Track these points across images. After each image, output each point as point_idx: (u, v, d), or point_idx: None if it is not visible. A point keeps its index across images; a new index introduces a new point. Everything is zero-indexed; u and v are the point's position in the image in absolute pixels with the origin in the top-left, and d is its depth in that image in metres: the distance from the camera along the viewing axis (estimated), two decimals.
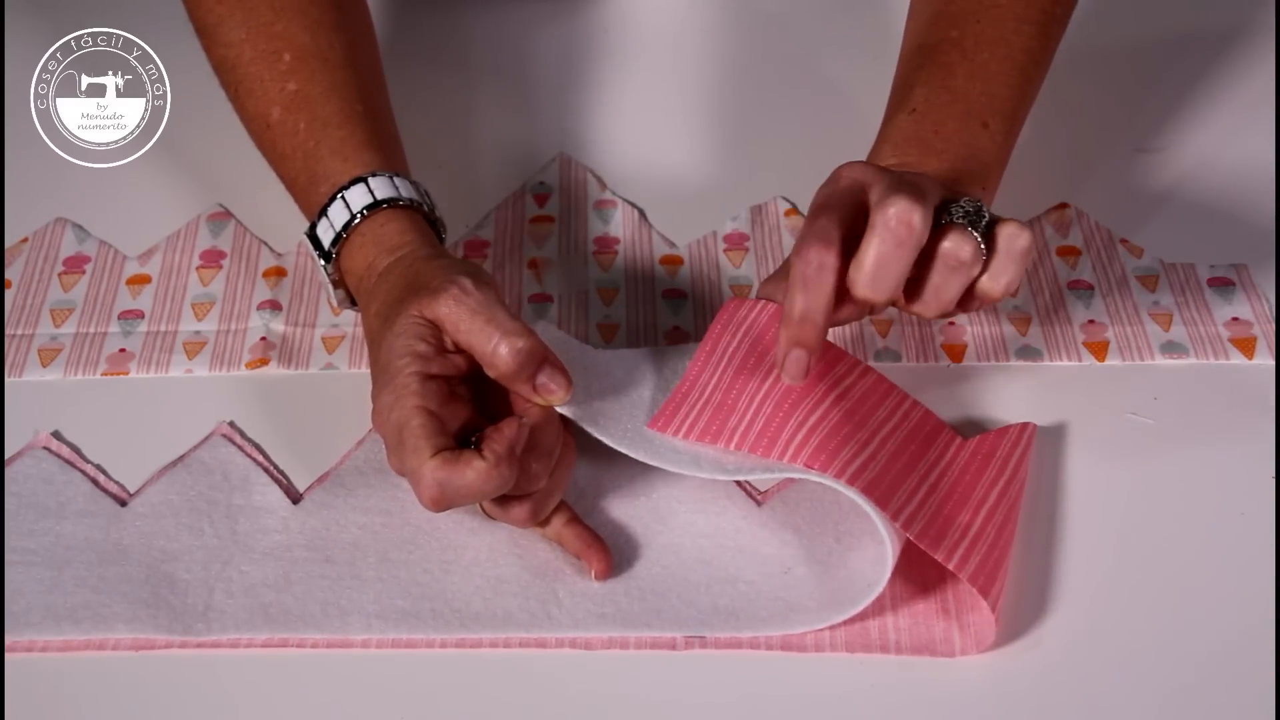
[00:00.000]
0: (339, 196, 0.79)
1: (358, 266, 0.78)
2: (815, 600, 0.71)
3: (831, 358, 0.76)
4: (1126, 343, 0.84)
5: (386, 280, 0.76)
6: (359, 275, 0.78)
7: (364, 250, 0.78)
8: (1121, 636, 0.70)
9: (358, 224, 0.78)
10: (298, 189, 0.82)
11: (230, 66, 0.84)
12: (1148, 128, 0.86)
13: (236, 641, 0.70)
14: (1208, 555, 0.73)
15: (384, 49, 1.07)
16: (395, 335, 0.71)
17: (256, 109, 0.83)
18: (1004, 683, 0.68)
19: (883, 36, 1.07)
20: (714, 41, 1.08)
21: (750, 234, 0.92)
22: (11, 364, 0.84)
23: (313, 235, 0.79)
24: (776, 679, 0.68)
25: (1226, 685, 0.68)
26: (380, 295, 0.75)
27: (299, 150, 0.82)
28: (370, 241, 0.78)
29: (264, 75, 0.83)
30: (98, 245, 0.92)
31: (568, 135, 0.99)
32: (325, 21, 0.85)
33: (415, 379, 0.69)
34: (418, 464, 0.68)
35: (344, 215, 0.78)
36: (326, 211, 0.79)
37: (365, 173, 0.79)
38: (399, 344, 0.71)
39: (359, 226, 0.78)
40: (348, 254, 0.78)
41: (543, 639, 0.70)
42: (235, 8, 0.84)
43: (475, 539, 0.74)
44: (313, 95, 0.83)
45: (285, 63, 0.83)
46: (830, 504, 0.75)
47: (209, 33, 0.85)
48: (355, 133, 0.82)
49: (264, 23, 0.83)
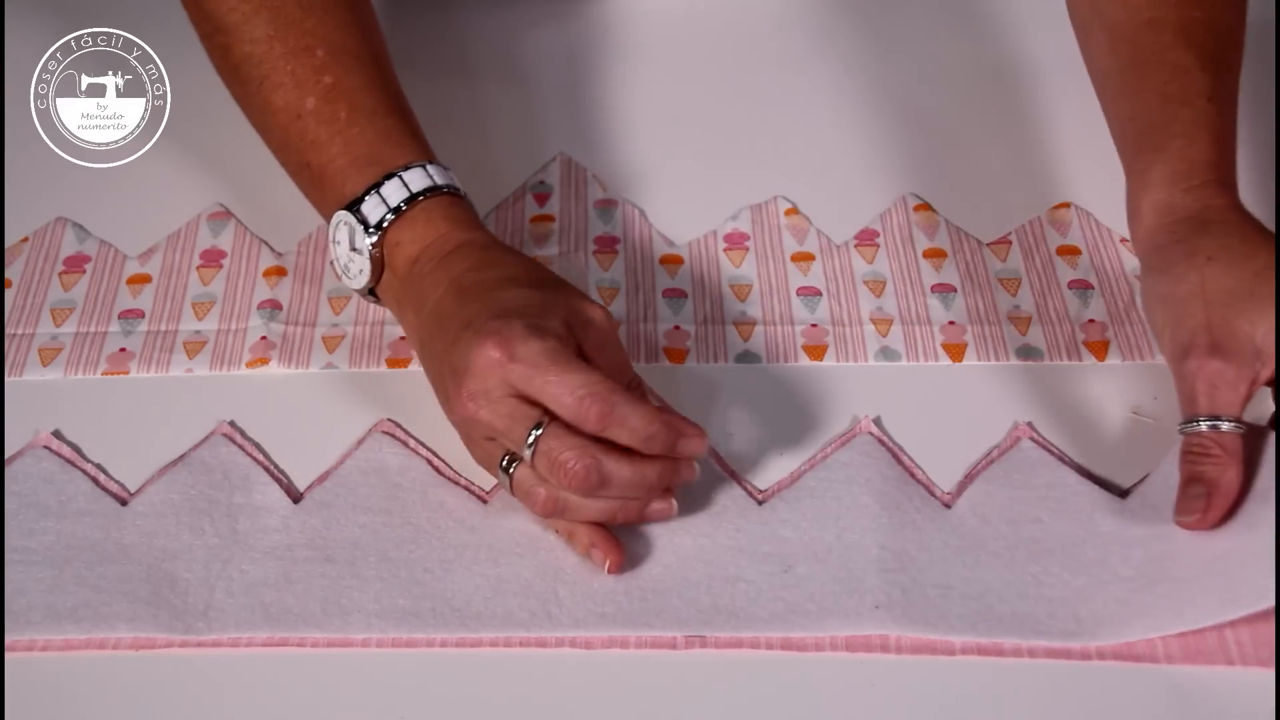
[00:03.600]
0: (396, 176, 0.79)
1: (419, 239, 0.78)
2: (816, 602, 0.71)
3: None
4: (1126, 343, 0.84)
5: (466, 258, 0.77)
6: (421, 246, 0.78)
7: (431, 225, 0.79)
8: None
9: (422, 202, 0.79)
10: (333, 171, 0.82)
11: (257, 61, 0.84)
12: None
13: (237, 641, 0.70)
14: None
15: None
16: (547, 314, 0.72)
17: (287, 100, 0.83)
18: (1004, 683, 0.68)
19: (883, 36, 1.07)
20: (714, 41, 1.08)
21: (750, 234, 0.92)
22: (12, 363, 0.84)
23: (355, 211, 0.79)
24: (777, 679, 0.68)
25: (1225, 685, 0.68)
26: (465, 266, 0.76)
27: (339, 136, 0.82)
28: (441, 218, 0.79)
29: (297, 69, 0.83)
30: (98, 245, 0.92)
31: (568, 135, 0.99)
32: (352, 21, 0.85)
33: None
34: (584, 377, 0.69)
35: (401, 193, 0.79)
36: (379, 190, 0.79)
37: (422, 159, 0.80)
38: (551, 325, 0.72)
39: (424, 204, 0.79)
40: (406, 229, 0.79)
41: (543, 638, 0.70)
42: (261, 6, 0.84)
43: (476, 538, 0.74)
44: (350, 88, 0.83)
45: (319, 58, 0.83)
46: (831, 500, 0.76)
47: (231, 30, 0.84)
48: (399, 124, 0.83)
49: (293, 20, 0.84)
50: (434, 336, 0.75)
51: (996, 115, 1.00)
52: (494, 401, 0.71)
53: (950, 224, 0.92)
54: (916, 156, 0.97)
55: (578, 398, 0.69)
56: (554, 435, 0.70)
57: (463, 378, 0.71)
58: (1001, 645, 0.69)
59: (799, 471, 0.77)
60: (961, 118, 0.91)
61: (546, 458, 0.70)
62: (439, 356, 0.74)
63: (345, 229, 0.80)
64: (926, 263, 0.90)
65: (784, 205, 0.94)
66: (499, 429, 0.71)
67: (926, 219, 0.92)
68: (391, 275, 0.80)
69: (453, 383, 0.72)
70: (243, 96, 0.86)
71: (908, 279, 0.89)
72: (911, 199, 0.94)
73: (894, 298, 0.87)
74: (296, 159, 0.83)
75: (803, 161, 0.97)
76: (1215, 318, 0.72)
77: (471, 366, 0.71)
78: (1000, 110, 1.00)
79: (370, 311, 0.87)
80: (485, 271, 0.76)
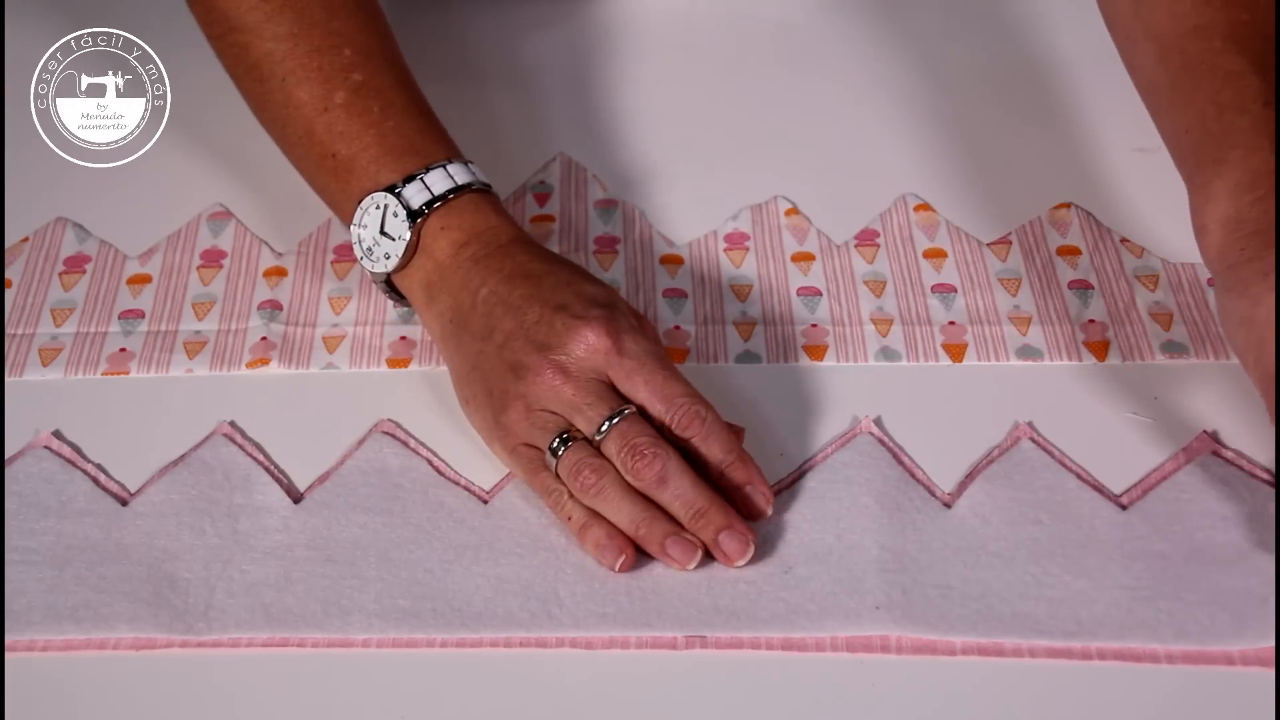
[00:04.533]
0: (440, 167, 0.81)
1: (469, 226, 0.80)
2: (816, 603, 0.71)
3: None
4: (1126, 343, 0.84)
5: (527, 250, 0.79)
6: (471, 233, 0.80)
7: (481, 215, 0.80)
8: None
9: (469, 194, 0.81)
10: (365, 160, 0.82)
11: (280, 58, 0.84)
12: (1148, 128, 0.86)
13: (237, 641, 0.70)
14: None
15: None
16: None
17: (313, 94, 0.83)
18: (1005, 683, 0.68)
19: (883, 36, 1.07)
20: (714, 41, 1.08)
21: (750, 234, 0.92)
22: (12, 364, 0.84)
23: (396, 194, 0.80)
24: (777, 679, 0.68)
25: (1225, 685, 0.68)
26: (528, 258, 0.79)
27: (373, 128, 0.82)
28: (490, 210, 0.81)
29: (324, 65, 0.83)
30: (98, 245, 0.92)
31: (568, 135, 0.99)
32: (374, 25, 0.86)
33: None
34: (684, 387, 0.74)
35: (448, 183, 0.81)
36: (422, 178, 0.80)
37: (461, 159, 0.82)
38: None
39: (471, 195, 0.81)
40: (454, 215, 0.80)
41: (544, 638, 0.70)
42: (284, 5, 0.84)
43: (476, 538, 0.74)
44: (381, 86, 0.84)
45: (346, 56, 0.84)
46: (831, 501, 0.76)
47: (251, 29, 0.84)
48: (433, 124, 0.84)
49: (318, 20, 0.84)
50: (496, 318, 0.77)
51: (996, 115, 1.00)
52: (583, 380, 0.74)
53: (950, 224, 0.92)
54: (916, 156, 0.97)
55: (675, 403, 0.74)
56: (635, 421, 0.73)
57: (553, 351, 0.74)
58: (1002, 645, 0.69)
59: (799, 472, 0.77)
60: (961, 118, 0.91)
61: (621, 439, 0.73)
62: (507, 335, 0.76)
63: (378, 212, 0.80)
64: (926, 263, 0.90)
65: (784, 205, 0.94)
66: (578, 404, 0.74)
67: (926, 219, 0.92)
68: (427, 260, 0.80)
69: (536, 354, 0.74)
70: (260, 93, 0.85)
71: (908, 279, 0.89)
72: (911, 199, 0.94)
73: (894, 298, 0.87)
74: (320, 151, 0.83)
75: (803, 161, 0.97)
76: None
77: (569, 344, 0.74)
78: (1000, 110, 1.00)
79: (371, 312, 0.87)
80: (551, 264, 0.79)
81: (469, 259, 0.79)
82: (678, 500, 0.72)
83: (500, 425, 0.76)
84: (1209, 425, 0.79)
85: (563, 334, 0.74)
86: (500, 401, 0.76)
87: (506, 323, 0.76)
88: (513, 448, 0.76)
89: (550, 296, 0.76)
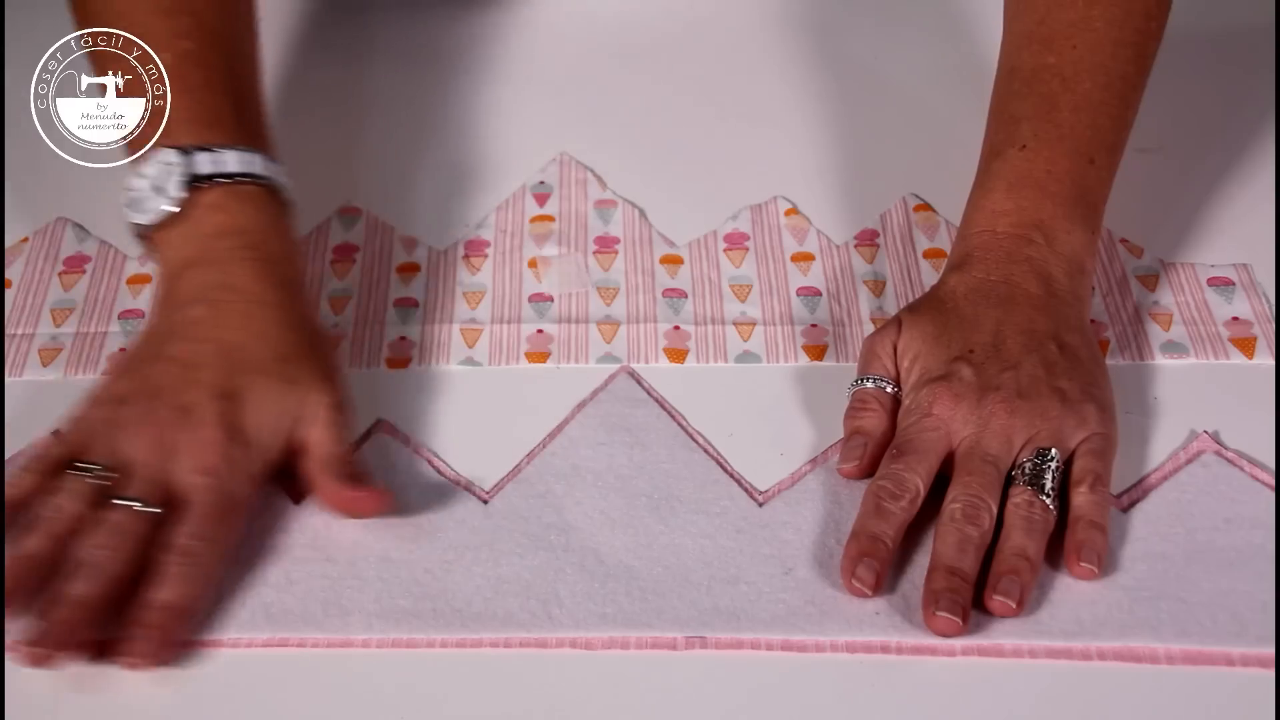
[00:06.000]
0: (243, 150, 0.80)
1: (243, 215, 0.79)
2: (816, 606, 0.71)
3: None
4: (1126, 343, 0.84)
5: (273, 288, 0.78)
6: (240, 222, 0.79)
7: (260, 213, 0.80)
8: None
9: (259, 187, 0.80)
10: (173, 116, 0.82)
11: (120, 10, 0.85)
12: (1148, 128, 0.86)
13: (237, 641, 0.70)
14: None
15: (384, 49, 1.07)
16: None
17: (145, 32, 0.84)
18: (1005, 683, 0.68)
19: (883, 36, 1.07)
20: (714, 41, 1.08)
21: (750, 234, 0.92)
22: (11, 364, 0.84)
23: (187, 156, 0.80)
24: (777, 679, 0.68)
25: (1225, 685, 0.68)
26: (271, 269, 0.78)
27: (187, 93, 0.82)
28: (271, 214, 0.80)
29: (157, 27, 0.84)
30: (98, 245, 0.92)
31: (568, 135, 0.99)
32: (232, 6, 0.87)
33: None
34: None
35: (248, 165, 0.80)
36: (221, 150, 0.80)
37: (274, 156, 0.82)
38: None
39: (259, 190, 0.80)
40: (234, 200, 0.79)
41: (543, 639, 0.70)
42: None
43: (476, 539, 0.74)
44: (211, 62, 0.84)
45: (183, 23, 0.84)
46: (832, 504, 0.75)
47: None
48: (255, 117, 0.84)
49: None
50: (198, 342, 0.75)
51: None
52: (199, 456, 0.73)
53: (950, 224, 0.92)
54: (916, 156, 0.97)
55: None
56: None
57: (207, 428, 0.73)
58: (1002, 646, 0.69)
59: (799, 473, 0.77)
60: (961, 118, 0.91)
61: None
62: (193, 377, 0.74)
63: (161, 167, 0.80)
64: (927, 263, 0.90)
65: (784, 205, 0.94)
66: (174, 463, 0.72)
67: (926, 219, 0.92)
68: (194, 231, 0.79)
69: (210, 408, 0.73)
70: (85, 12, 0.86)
71: (908, 279, 0.89)
72: (911, 199, 0.94)
73: (894, 298, 0.87)
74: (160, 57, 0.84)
75: (803, 161, 0.97)
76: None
77: (210, 438, 0.72)
78: None
79: (370, 312, 0.87)
80: (278, 328, 0.77)
81: (227, 249, 0.78)
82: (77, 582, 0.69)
83: (99, 398, 0.74)
84: (1209, 426, 0.79)
85: (197, 423, 0.72)
86: (120, 390, 0.74)
87: (186, 350, 0.75)
88: (77, 416, 0.74)
89: (235, 375, 0.74)
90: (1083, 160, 0.82)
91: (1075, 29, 0.84)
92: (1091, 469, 0.73)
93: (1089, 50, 0.84)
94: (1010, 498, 0.72)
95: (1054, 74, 0.83)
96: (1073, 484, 0.73)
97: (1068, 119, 0.82)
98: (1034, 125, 0.82)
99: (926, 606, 0.69)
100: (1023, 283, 0.78)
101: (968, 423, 0.74)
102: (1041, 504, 0.72)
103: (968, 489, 0.72)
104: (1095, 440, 0.74)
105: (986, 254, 0.80)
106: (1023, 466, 0.73)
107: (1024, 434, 0.74)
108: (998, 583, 0.70)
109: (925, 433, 0.74)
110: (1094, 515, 0.72)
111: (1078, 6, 0.84)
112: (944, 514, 0.72)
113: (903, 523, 0.72)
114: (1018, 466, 0.73)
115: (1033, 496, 0.72)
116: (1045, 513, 0.72)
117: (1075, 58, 0.83)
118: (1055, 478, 0.73)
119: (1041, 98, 0.83)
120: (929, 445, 0.74)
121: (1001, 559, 0.71)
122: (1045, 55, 0.84)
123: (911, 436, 0.74)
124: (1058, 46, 0.84)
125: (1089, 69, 0.83)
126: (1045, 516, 0.72)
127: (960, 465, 0.73)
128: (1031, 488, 0.72)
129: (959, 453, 0.74)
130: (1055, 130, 0.82)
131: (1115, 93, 0.84)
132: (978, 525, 0.71)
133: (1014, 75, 0.85)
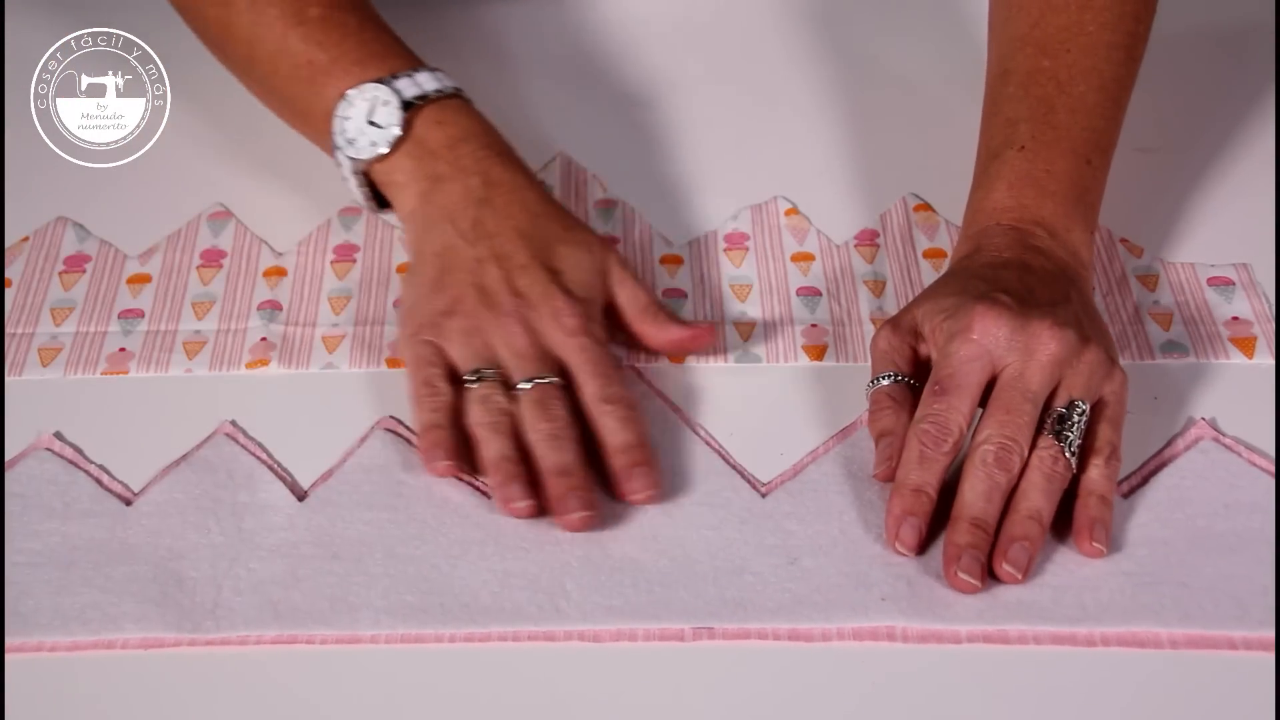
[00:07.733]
0: (428, 71, 0.85)
1: (463, 124, 0.84)
2: (823, 594, 0.71)
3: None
4: (1126, 343, 0.84)
5: (522, 174, 0.84)
6: (467, 130, 0.84)
7: (474, 119, 0.85)
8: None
9: (460, 99, 0.85)
10: (347, 62, 0.84)
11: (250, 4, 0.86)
12: (1148, 128, 0.86)
13: (245, 639, 0.70)
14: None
15: None
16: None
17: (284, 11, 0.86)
18: (1010, 669, 0.68)
19: (884, 35, 1.07)
20: (714, 41, 1.08)
21: (750, 234, 0.92)
22: (11, 363, 0.84)
23: (389, 85, 0.83)
24: (785, 669, 0.69)
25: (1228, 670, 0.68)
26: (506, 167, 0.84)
27: (352, 36, 0.85)
28: (481, 117, 0.85)
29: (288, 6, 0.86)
30: (98, 244, 0.92)
31: (568, 135, 0.99)
32: None
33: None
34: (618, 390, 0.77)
35: (442, 83, 0.85)
36: (412, 75, 0.84)
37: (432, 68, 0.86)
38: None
39: (461, 101, 0.85)
40: (449, 112, 0.84)
41: (551, 632, 0.70)
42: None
43: (482, 533, 0.74)
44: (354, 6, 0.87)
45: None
46: (834, 494, 0.76)
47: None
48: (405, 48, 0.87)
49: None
50: (485, 232, 0.81)
51: None
52: (537, 341, 0.78)
53: (950, 224, 0.92)
54: (916, 156, 0.97)
55: (600, 408, 0.77)
56: (559, 390, 0.77)
57: (528, 307, 0.78)
58: (1007, 632, 0.69)
59: (801, 464, 0.78)
60: (962, 118, 0.91)
61: (540, 394, 0.76)
62: (487, 258, 0.80)
63: (365, 103, 0.83)
64: (927, 263, 0.90)
65: (784, 205, 0.94)
66: (523, 356, 0.77)
67: (926, 219, 0.93)
68: (418, 147, 0.83)
69: (510, 299, 0.78)
70: (224, 18, 0.87)
71: (908, 279, 0.89)
72: (911, 199, 0.94)
73: (894, 298, 0.88)
74: (293, 61, 0.85)
75: (803, 161, 0.97)
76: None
77: (543, 310, 0.78)
78: None
79: (370, 311, 0.87)
80: (548, 207, 0.83)
81: (468, 153, 0.82)
82: (551, 455, 0.74)
83: (431, 318, 0.79)
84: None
85: (541, 298, 0.78)
86: (448, 303, 0.79)
87: (488, 248, 0.80)
88: (420, 338, 0.78)
89: (542, 251, 0.80)
90: (1080, 161, 0.82)
91: (1069, 33, 0.85)
92: (1110, 441, 0.74)
93: (1083, 54, 0.84)
94: (1036, 446, 0.72)
95: (1049, 77, 0.84)
96: (1091, 452, 0.73)
97: (1064, 121, 0.83)
98: (1031, 127, 0.83)
99: (948, 563, 0.70)
100: (1035, 262, 0.78)
101: (1012, 348, 0.73)
102: (1066, 461, 0.72)
103: (1004, 429, 0.72)
104: (1115, 408, 0.75)
105: (996, 240, 0.80)
106: (1055, 413, 0.73)
107: (1063, 368, 0.73)
108: (1009, 548, 0.70)
109: (966, 363, 0.73)
110: (1106, 491, 0.73)
111: (1070, 10, 0.85)
112: (975, 453, 0.72)
113: (945, 467, 0.72)
114: (1050, 412, 0.73)
115: (1058, 452, 0.72)
116: (1066, 470, 0.72)
117: (1070, 61, 0.84)
118: (1080, 433, 0.73)
119: (1038, 100, 0.84)
120: (971, 379, 0.73)
121: (1015, 520, 0.71)
122: (1040, 59, 0.85)
123: (954, 369, 0.73)
124: (1052, 50, 0.85)
125: (1083, 72, 0.84)
126: (1065, 475, 0.72)
127: (999, 398, 0.73)
128: (1059, 442, 0.72)
129: (1001, 380, 0.73)
130: (1052, 132, 0.82)
131: (1109, 95, 0.85)
132: (1008, 470, 0.71)
133: (1008, 78, 0.86)
